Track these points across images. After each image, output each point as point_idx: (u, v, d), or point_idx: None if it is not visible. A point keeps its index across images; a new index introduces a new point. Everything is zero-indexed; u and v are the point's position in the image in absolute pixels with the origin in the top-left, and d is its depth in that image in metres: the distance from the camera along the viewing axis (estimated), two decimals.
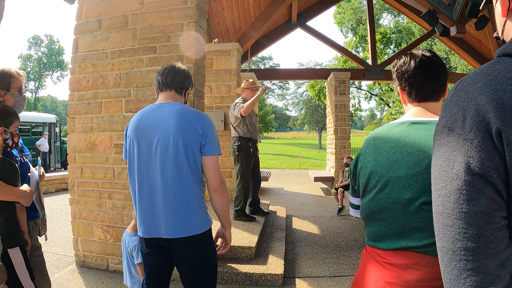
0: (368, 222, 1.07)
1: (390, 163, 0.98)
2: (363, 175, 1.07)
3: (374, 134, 1.09)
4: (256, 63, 38.55)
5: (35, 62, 39.33)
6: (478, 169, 0.49)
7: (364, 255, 1.12)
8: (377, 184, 1.00)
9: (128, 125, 1.59)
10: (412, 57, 1.07)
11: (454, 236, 0.51)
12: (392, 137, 1.01)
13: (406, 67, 1.06)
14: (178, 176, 1.45)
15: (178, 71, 1.60)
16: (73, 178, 3.18)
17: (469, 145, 0.49)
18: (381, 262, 1.00)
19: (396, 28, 22.96)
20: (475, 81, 0.52)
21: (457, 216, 0.51)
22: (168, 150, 1.45)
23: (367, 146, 1.08)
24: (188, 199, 1.47)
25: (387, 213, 0.98)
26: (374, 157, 1.03)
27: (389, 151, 1.00)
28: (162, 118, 1.49)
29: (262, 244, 3.59)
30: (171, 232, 1.45)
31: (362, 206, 1.09)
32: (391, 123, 1.08)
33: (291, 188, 8.63)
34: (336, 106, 8.21)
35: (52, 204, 6.32)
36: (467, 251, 0.49)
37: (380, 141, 1.04)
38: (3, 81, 1.66)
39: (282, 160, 20.08)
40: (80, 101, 3.17)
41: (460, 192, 0.50)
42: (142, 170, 1.49)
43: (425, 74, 1.04)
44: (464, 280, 0.49)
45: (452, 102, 0.55)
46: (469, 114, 0.50)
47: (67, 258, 3.47)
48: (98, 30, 3.11)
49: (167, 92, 1.58)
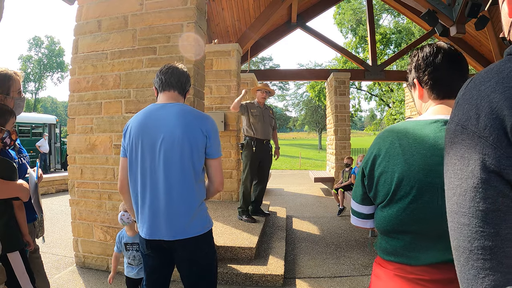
0: (393, 234, 0.94)
1: (429, 167, 0.85)
2: (387, 181, 0.91)
3: (397, 133, 0.93)
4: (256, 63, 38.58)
5: (35, 63, 39.35)
6: (494, 167, 0.48)
7: (380, 271, 0.99)
8: (411, 192, 0.87)
9: (129, 124, 1.57)
10: (438, 49, 0.97)
11: (471, 235, 0.50)
12: (425, 137, 0.88)
13: (432, 59, 0.96)
14: (183, 177, 1.45)
15: (182, 73, 1.60)
16: (73, 179, 3.18)
17: (484, 143, 0.49)
18: (414, 279, 0.89)
19: (396, 28, 22.97)
20: (487, 79, 0.52)
21: (473, 215, 0.50)
22: (173, 151, 1.44)
23: (389, 147, 0.91)
24: (191, 201, 1.47)
25: (423, 224, 0.87)
26: (404, 159, 0.88)
27: (425, 153, 0.86)
28: (167, 118, 1.47)
29: (262, 244, 3.59)
30: (173, 233, 1.44)
31: (386, 217, 0.93)
32: (413, 120, 0.96)
33: (291, 189, 8.63)
34: (336, 107, 8.21)
35: (52, 205, 6.32)
36: (484, 250, 0.49)
37: (409, 142, 0.89)
38: (3, 85, 1.64)
39: (282, 161, 20.09)
40: (80, 102, 3.17)
41: (476, 190, 0.49)
42: (145, 170, 1.47)
43: (453, 69, 0.96)
44: (482, 279, 0.48)
45: (464, 100, 0.54)
46: (483, 112, 0.49)
47: (67, 259, 3.46)
48: (98, 31, 3.11)
49: (170, 92, 1.57)
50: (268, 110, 4.38)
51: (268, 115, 4.30)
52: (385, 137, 0.95)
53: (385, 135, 0.96)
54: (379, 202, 0.96)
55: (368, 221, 1.05)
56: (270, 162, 4.41)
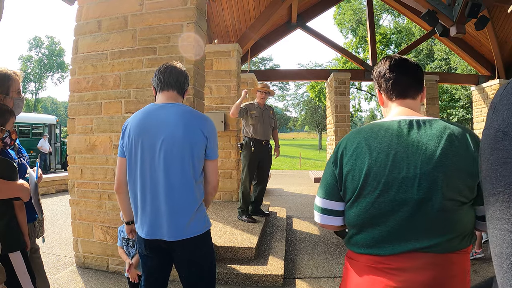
0: (363, 228, 0.99)
1: (393, 163, 0.93)
2: (354, 178, 0.97)
3: (363, 134, 1.01)
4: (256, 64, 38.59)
5: (36, 63, 39.38)
6: None
7: (351, 264, 1.05)
8: (378, 186, 0.93)
9: (127, 124, 1.55)
10: (387, 58, 1.13)
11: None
12: (390, 136, 0.96)
13: (382, 66, 1.12)
14: (183, 178, 1.45)
15: (180, 72, 1.58)
16: (73, 179, 3.18)
17: None
18: (383, 269, 0.95)
19: (396, 28, 22.98)
20: None
21: None
22: (173, 152, 1.43)
23: (356, 146, 0.99)
24: (191, 201, 1.47)
25: (390, 216, 0.93)
26: (371, 157, 0.95)
27: (389, 151, 0.94)
28: (167, 119, 1.47)
29: (262, 245, 3.59)
30: (173, 234, 1.44)
31: (356, 212, 0.99)
32: (379, 122, 1.04)
33: (291, 189, 8.62)
34: (336, 107, 8.21)
35: (52, 205, 6.32)
36: None
37: (375, 141, 0.97)
38: (2, 85, 1.64)
39: (282, 161, 20.09)
40: (80, 102, 3.17)
41: None
42: (145, 171, 1.46)
43: (400, 70, 1.09)
44: None
45: (502, 106, 0.53)
46: None
47: (67, 259, 3.46)
48: (98, 31, 3.11)
49: (169, 92, 1.56)
50: (269, 110, 4.37)
51: (268, 116, 4.30)
52: (353, 138, 1.02)
53: (353, 136, 1.03)
54: (348, 199, 1.02)
55: (338, 218, 1.06)
56: (270, 162, 4.41)
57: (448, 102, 21.82)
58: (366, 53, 19.95)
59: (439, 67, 22.24)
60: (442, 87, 20.66)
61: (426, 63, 23.64)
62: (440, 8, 4.77)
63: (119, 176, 1.58)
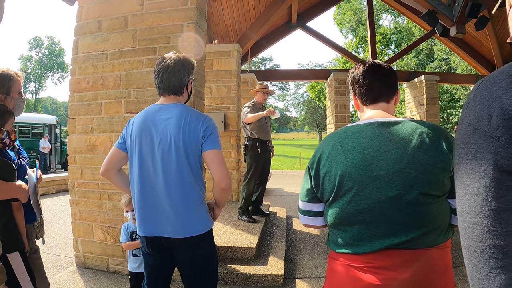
0: (341, 227, 1.03)
1: (366, 163, 0.97)
2: (330, 179, 1.01)
3: (338, 137, 1.05)
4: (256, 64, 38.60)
5: (36, 63, 39.40)
6: (507, 166, 0.49)
7: (333, 264, 1.07)
8: (353, 186, 0.97)
9: (131, 122, 1.58)
10: (361, 63, 1.17)
11: (483, 234, 0.51)
12: (363, 137, 1.01)
13: (356, 72, 1.15)
14: (180, 177, 1.46)
15: (172, 72, 1.52)
16: (73, 179, 3.18)
17: (496, 143, 0.50)
18: (364, 268, 0.97)
19: (396, 28, 22.98)
20: (498, 81, 0.53)
21: (485, 214, 0.51)
22: (169, 152, 1.45)
23: (332, 149, 1.03)
24: (190, 200, 1.48)
25: (367, 214, 0.96)
26: (345, 158, 0.99)
27: (362, 151, 0.98)
28: (164, 120, 1.49)
29: (263, 245, 3.59)
30: (173, 232, 1.46)
31: (334, 212, 1.03)
32: (352, 125, 1.08)
33: (291, 189, 8.62)
34: (336, 107, 8.21)
35: (52, 205, 6.32)
36: (496, 249, 0.49)
37: (348, 143, 1.01)
38: (3, 85, 1.64)
39: (282, 161, 20.08)
40: (80, 102, 3.17)
41: (489, 190, 0.50)
42: (144, 170, 1.49)
43: (372, 75, 1.12)
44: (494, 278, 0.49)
45: (475, 101, 0.55)
46: (495, 113, 0.50)
47: (67, 259, 3.46)
48: (98, 31, 3.12)
49: (166, 97, 1.57)
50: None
51: (267, 116, 4.32)
52: (328, 141, 1.07)
53: (328, 140, 1.08)
54: (326, 200, 1.06)
55: (318, 219, 1.12)
56: (270, 162, 4.44)
57: (448, 102, 21.82)
58: (366, 53, 19.95)
59: (439, 67, 22.24)
60: (442, 87, 20.67)
61: (426, 63, 23.63)
62: (440, 8, 4.77)
63: (106, 162, 1.57)
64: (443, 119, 20.81)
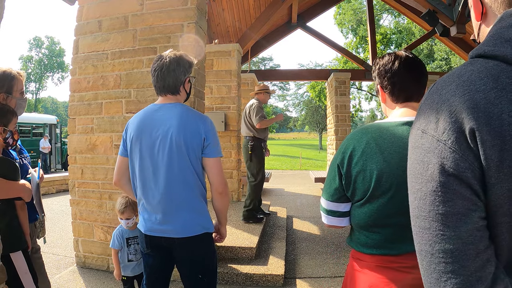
0: (374, 228, 0.99)
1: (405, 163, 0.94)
2: (366, 179, 0.96)
3: (371, 134, 0.99)
4: (256, 64, 38.61)
5: (36, 63, 39.43)
6: (453, 170, 0.48)
7: (360, 265, 1.04)
8: (391, 187, 0.93)
9: (129, 124, 1.58)
10: (396, 57, 1.07)
11: (432, 238, 0.50)
12: (399, 136, 0.96)
13: (390, 66, 1.07)
14: (182, 178, 1.46)
15: (166, 72, 1.49)
16: (74, 179, 3.18)
17: (442, 147, 0.49)
18: (397, 267, 0.95)
19: (396, 28, 22.98)
20: (448, 83, 0.52)
21: (433, 218, 0.50)
22: (171, 152, 1.45)
23: (366, 146, 0.97)
24: (191, 200, 1.48)
25: (403, 216, 0.92)
26: (383, 158, 0.94)
27: (401, 151, 0.94)
28: (164, 120, 1.48)
29: (263, 244, 3.59)
30: (173, 231, 1.46)
31: (367, 213, 0.99)
32: (385, 121, 1.03)
33: (291, 189, 8.62)
34: (336, 107, 8.21)
35: (53, 205, 6.32)
36: (445, 253, 0.49)
37: (384, 141, 0.97)
38: (5, 84, 1.64)
39: (282, 161, 20.08)
40: (81, 102, 3.17)
41: (436, 194, 0.50)
42: (145, 170, 1.49)
43: (410, 74, 1.06)
44: (444, 282, 0.49)
45: (425, 105, 0.55)
46: (442, 116, 0.50)
47: (68, 259, 3.46)
48: (98, 31, 3.12)
49: (164, 96, 1.56)
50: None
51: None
52: (360, 138, 1.00)
53: (359, 136, 1.01)
54: (357, 199, 1.00)
55: (344, 219, 1.06)
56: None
57: None
58: (367, 53, 19.95)
59: (440, 67, 22.23)
60: None
61: (426, 63, 23.61)
62: (441, 8, 4.77)
63: (116, 174, 1.61)
64: None
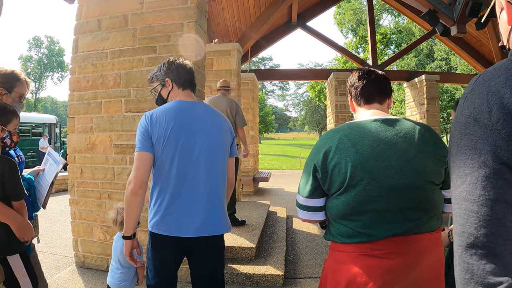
0: (352, 217, 1.06)
1: (376, 153, 1.04)
2: (340, 171, 1.05)
3: (343, 131, 1.10)
4: (256, 63, 38.62)
5: (36, 63, 39.42)
6: (506, 158, 0.50)
7: (340, 256, 1.09)
8: (365, 176, 1.03)
9: (156, 118, 1.44)
10: (357, 70, 1.29)
11: (478, 222, 0.52)
12: (370, 131, 1.08)
13: (352, 77, 1.29)
14: (222, 176, 1.53)
15: (192, 71, 1.63)
16: (73, 178, 3.17)
17: (497, 135, 0.51)
18: (378, 255, 1.02)
19: (396, 28, 22.98)
20: (496, 75, 0.54)
21: (483, 203, 0.52)
22: (213, 151, 1.48)
23: (339, 143, 1.07)
24: (224, 199, 1.55)
25: (379, 201, 1.03)
26: (355, 150, 1.05)
27: (371, 144, 1.05)
28: (203, 118, 1.51)
29: (263, 244, 3.58)
30: (209, 230, 1.45)
31: (344, 202, 1.06)
32: (355, 121, 1.17)
33: (291, 189, 8.61)
34: (336, 107, 8.20)
35: (52, 204, 6.30)
36: (489, 237, 0.50)
37: (356, 136, 1.08)
38: (8, 81, 1.63)
39: (282, 161, 20.06)
40: (80, 101, 3.16)
41: (488, 180, 0.51)
42: (183, 167, 1.42)
43: (366, 79, 1.24)
44: (484, 265, 0.50)
45: (474, 95, 0.56)
46: (495, 106, 0.52)
47: (67, 259, 3.45)
48: (98, 30, 3.10)
49: (188, 91, 1.59)
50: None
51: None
52: (332, 136, 1.11)
53: (331, 135, 1.13)
54: (334, 191, 1.10)
55: (319, 213, 1.16)
56: None
57: (448, 102, 21.81)
58: (366, 53, 19.95)
59: (439, 67, 22.23)
60: (442, 87, 20.66)
61: (426, 63, 23.62)
62: (441, 7, 4.77)
63: (142, 174, 1.38)
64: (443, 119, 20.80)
